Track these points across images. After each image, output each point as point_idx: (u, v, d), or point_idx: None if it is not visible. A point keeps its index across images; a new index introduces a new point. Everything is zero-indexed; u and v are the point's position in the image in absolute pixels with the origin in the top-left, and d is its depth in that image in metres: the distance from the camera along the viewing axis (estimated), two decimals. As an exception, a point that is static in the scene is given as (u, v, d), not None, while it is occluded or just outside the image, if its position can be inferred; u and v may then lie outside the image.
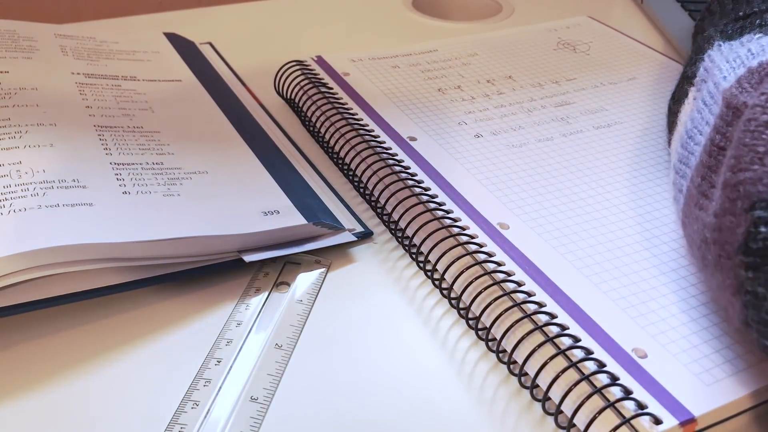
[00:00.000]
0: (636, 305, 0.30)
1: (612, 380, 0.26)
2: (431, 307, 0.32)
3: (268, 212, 0.34)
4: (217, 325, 0.31)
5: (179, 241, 0.31)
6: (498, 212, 0.34)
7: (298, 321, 0.32)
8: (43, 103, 0.39)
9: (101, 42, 0.49)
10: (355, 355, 0.30)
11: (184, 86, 0.45)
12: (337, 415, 0.28)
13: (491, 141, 0.40)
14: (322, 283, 0.34)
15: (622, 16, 0.62)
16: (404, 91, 0.45)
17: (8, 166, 0.33)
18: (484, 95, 0.45)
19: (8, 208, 0.31)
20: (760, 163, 0.25)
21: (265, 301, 0.32)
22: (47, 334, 0.30)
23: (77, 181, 0.33)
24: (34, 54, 0.45)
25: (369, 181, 0.38)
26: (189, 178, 0.36)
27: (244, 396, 0.28)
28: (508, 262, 0.31)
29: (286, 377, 0.29)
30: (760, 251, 0.24)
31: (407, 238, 0.35)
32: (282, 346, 0.30)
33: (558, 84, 0.47)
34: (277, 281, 0.34)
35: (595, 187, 0.37)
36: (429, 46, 0.51)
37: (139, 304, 0.32)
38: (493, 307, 0.30)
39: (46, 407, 0.27)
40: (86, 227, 0.30)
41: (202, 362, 0.29)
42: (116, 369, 0.29)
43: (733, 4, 0.40)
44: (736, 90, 0.30)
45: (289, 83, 0.46)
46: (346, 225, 0.36)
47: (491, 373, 0.29)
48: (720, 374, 0.27)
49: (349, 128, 0.40)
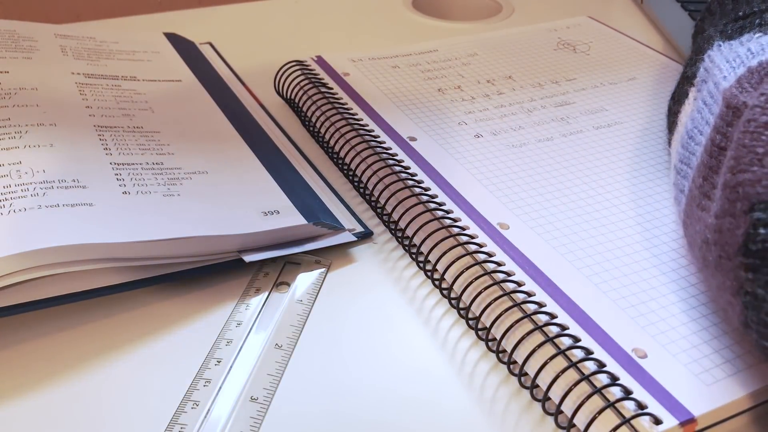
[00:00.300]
0: (636, 305, 0.30)
1: (612, 380, 0.26)
2: (431, 308, 0.32)
3: (268, 212, 0.34)
4: (217, 325, 0.31)
5: (179, 241, 0.31)
6: (498, 212, 0.34)
7: (298, 321, 0.32)
8: (43, 103, 0.39)
9: (101, 42, 0.49)
10: (355, 355, 0.30)
11: (184, 86, 0.45)
12: (337, 415, 0.28)
13: (491, 141, 0.40)
14: (322, 283, 0.34)
15: (622, 16, 0.62)
16: (404, 91, 0.45)
17: (8, 166, 0.33)
18: (484, 95, 0.45)
19: (8, 208, 0.31)
20: (759, 165, 0.25)
21: (265, 301, 0.32)
22: (47, 334, 0.30)
23: (77, 181, 0.33)
24: (34, 54, 0.45)
25: (369, 181, 0.38)
26: (189, 178, 0.36)
27: (244, 396, 0.28)
28: (508, 262, 0.31)
29: (286, 377, 0.29)
30: (759, 253, 0.24)
31: (407, 238, 0.35)
32: (282, 346, 0.30)
33: (558, 84, 0.47)
34: (277, 281, 0.34)
35: (595, 187, 0.37)
36: (429, 46, 0.51)
37: (139, 304, 0.32)
38: (493, 307, 0.30)
39: (46, 407, 0.27)
40: (86, 227, 0.30)
41: (202, 362, 0.29)
42: (116, 369, 0.29)
43: (732, 4, 0.40)
44: (736, 90, 0.30)
45: (289, 83, 0.46)
46: (346, 225, 0.36)
47: (491, 373, 0.29)
48: (720, 374, 0.27)
49: (349, 128, 0.40)
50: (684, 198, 0.32)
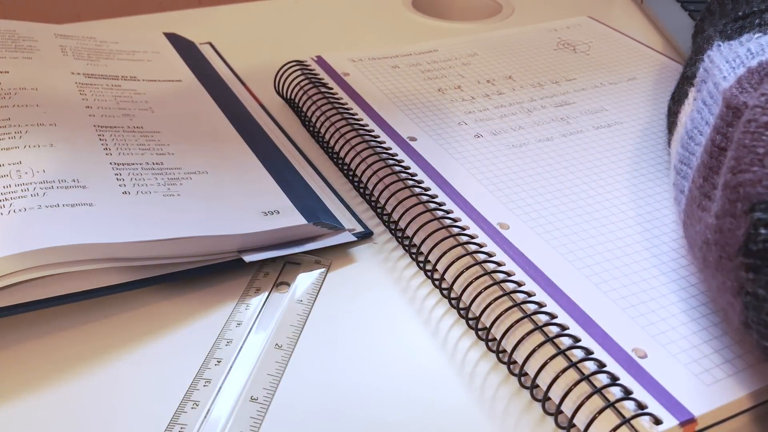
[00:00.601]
0: (636, 305, 0.30)
1: (612, 380, 0.26)
2: (431, 308, 0.32)
3: (268, 212, 0.34)
4: (217, 325, 0.31)
5: (179, 241, 0.31)
6: (498, 212, 0.34)
7: (298, 321, 0.32)
8: (43, 103, 0.39)
9: (101, 42, 0.49)
10: (355, 355, 0.30)
11: (184, 86, 0.45)
12: (337, 416, 0.28)
13: (491, 141, 0.40)
14: (322, 283, 0.34)
15: (622, 16, 0.62)
16: (404, 91, 0.45)
17: (8, 166, 0.33)
18: (484, 95, 0.45)
19: (8, 208, 0.31)
20: (760, 165, 0.25)
21: (265, 301, 0.32)
22: (47, 334, 0.30)
23: (77, 181, 0.33)
24: (34, 54, 0.45)
25: (369, 181, 0.38)
26: (189, 178, 0.36)
27: (244, 396, 0.28)
28: (508, 262, 0.31)
29: (286, 377, 0.29)
30: (760, 253, 0.24)
31: (407, 238, 0.35)
32: (282, 346, 0.30)
33: (558, 84, 0.47)
34: (277, 281, 0.34)
35: (595, 187, 0.37)
36: (429, 46, 0.51)
37: (139, 304, 0.32)
38: (493, 307, 0.30)
39: (46, 407, 0.27)
40: (86, 227, 0.30)
41: (202, 362, 0.29)
42: (116, 369, 0.29)
43: (732, 4, 0.40)
44: (736, 90, 0.30)
45: (289, 83, 0.46)
46: (346, 225, 0.36)
47: (491, 373, 0.29)
48: (720, 374, 0.27)
49: (349, 128, 0.40)
50: (684, 198, 0.32)
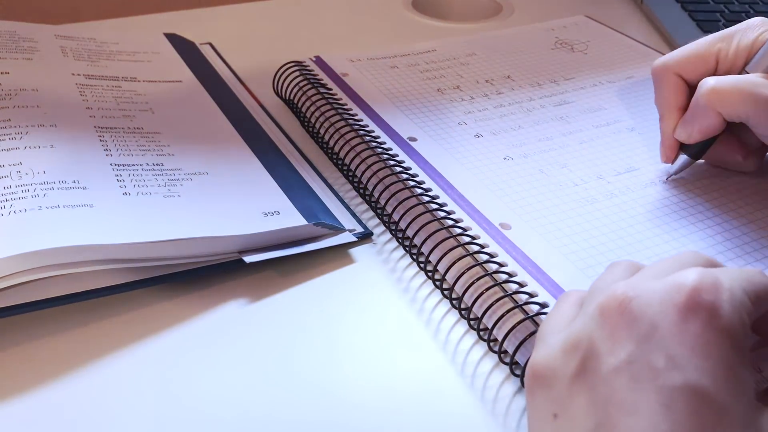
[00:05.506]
0: (636, 305, 0.30)
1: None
2: (432, 308, 0.32)
3: (269, 213, 0.34)
4: (217, 325, 0.31)
5: (180, 242, 0.31)
6: (500, 212, 0.34)
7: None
8: (44, 104, 0.39)
9: (101, 43, 0.49)
10: (354, 355, 0.30)
11: (184, 87, 0.45)
12: (337, 416, 0.28)
13: (491, 141, 0.40)
14: (322, 283, 0.34)
15: (621, 16, 0.63)
16: (403, 91, 0.45)
17: (9, 167, 0.33)
18: (483, 95, 0.45)
19: (8, 209, 0.31)
20: None
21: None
22: (47, 334, 0.30)
23: (77, 182, 0.33)
24: (35, 55, 0.45)
25: (369, 182, 0.38)
26: (189, 179, 0.36)
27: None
28: (510, 263, 0.31)
29: (285, 377, 0.29)
30: None
31: (407, 239, 0.35)
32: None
33: (557, 83, 0.47)
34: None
35: (596, 186, 0.37)
36: (427, 46, 0.51)
37: (139, 304, 0.32)
38: (495, 308, 0.30)
39: (46, 407, 0.27)
40: (86, 228, 0.30)
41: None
42: (116, 369, 0.29)
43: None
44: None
45: (288, 84, 0.46)
46: (346, 225, 0.36)
47: (493, 373, 0.29)
48: None
49: (349, 129, 0.40)
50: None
